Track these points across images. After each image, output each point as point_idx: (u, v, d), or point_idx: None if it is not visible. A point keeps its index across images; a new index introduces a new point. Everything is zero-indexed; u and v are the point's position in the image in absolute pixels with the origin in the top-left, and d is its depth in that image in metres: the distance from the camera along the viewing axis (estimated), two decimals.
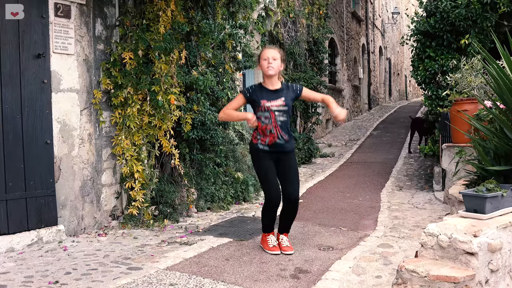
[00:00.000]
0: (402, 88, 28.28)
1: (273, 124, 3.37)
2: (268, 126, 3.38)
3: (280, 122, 3.38)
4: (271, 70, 3.40)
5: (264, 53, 3.46)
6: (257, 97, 3.42)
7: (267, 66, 3.40)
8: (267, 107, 3.37)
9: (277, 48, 3.57)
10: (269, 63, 3.39)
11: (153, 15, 4.60)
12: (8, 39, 3.69)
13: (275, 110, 3.38)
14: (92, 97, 4.36)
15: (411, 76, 9.19)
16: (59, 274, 3.09)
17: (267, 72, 3.41)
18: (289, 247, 3.56)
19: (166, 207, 4.80)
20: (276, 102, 3.39)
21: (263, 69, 3.45)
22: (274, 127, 3.37)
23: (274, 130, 3.37)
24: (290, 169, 3.51)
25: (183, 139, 5.21)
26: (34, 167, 3.84)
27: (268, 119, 3.38)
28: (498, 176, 2.97)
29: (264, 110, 3.38)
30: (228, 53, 6.14)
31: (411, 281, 2.01)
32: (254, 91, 3.46)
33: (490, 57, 3.12)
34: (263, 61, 3.43)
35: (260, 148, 3.44)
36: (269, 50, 3.47)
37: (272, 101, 3.39)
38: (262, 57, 3.45)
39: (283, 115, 3.40)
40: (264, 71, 3.45)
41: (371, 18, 19.72)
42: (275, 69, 3.41)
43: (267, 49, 3.49)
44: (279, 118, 3.38)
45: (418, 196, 6.13)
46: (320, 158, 9.88)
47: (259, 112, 3.41)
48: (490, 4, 6.38)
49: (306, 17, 10.39)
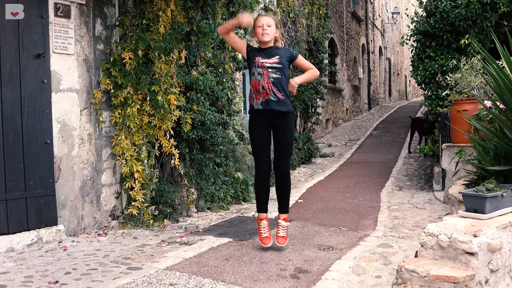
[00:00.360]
0: (402, 88, 28.28)
1: (265, 80, 3.39)
2: (261, 82, 3.41)
3: (272, 78, 3.40)
4: (266, 36, 3.43)
5: (258, 20, 3.48)
6: (253, 54, 3.47)
7: (261, 32, 3.44)
8: (260, 63, 3.42)
9: (271, 15, 3.59)
10: (263, 29, 3.43)
11: (153, 15, 4.60)
12: (8, 39, 3.69)
13: (268, 67, 3.41)
14: (92, 97, 4.36)
15: (411, 76, 9.19)
16: (59, 274, 3.09)
17: (262, 38, 3.45)
18: (283, 239, 3.56)
19: (166, 207, 4.80)
20: (270, 60, 3.43)
21: (258, 37, 3.47)
22: (267, 82, 3.39)
23: (266, 86, 3.39)
24: (283, 135, 3.51)
25: (183, 139, 5.21)
26: (34, 167, 3.84)
27: (261, 75, 3.41)
28: (498, 176, 2.97)
29: (257, 66, 3.43)
30: (228, 53, 6.14)
31: (411, 281, 2.01)
32: (252, 50, 3.52)
33: (490, 57, 3.12)
34: (257, 29, 3.46)
35: (255, 109, 3.47)
36: (263, 17, 3.50)
37: (266, 58, 3.44)
38: (257, 25, 3.47)
39: (276, 72, 3.42)
40: (258, 38, 3.48)
41: (371, 18, 19.72)
42: (270, 35, 3.45)
43: (261, 16, 3.52)
44: (271, 75, 3.41)
45: (418, 196, 6.13)
46: (320, 158, 9.88)
47: (253, 68, 3.45)
48: (490, 4, 6.38)
49: (306, 17, 10.39)
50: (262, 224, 3.64)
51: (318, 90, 10.09)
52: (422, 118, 9.53)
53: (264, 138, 3.50)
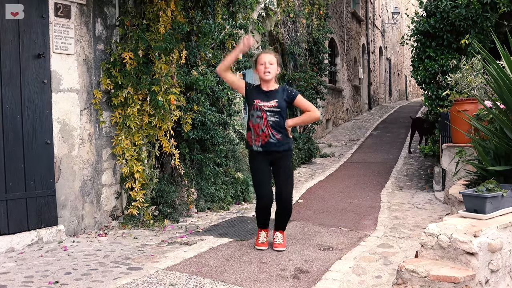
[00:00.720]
0: (402, 88, 28.28)
1: (264, 123, 3.44)
2: (260, 125, 3.45)
3: (271, 122, 3.45)
4: (268, 75, 3.48)
5: (260, 57, 3.52)
6: (252, 96, 3.51)
7: (263, 71, 3.48)
8: (259, 106, 3.45)
9: (273, 52, 3.64)
10: (265, 68, 3.47)
11: (153, 15, 4.60)
12: (8, 39, 3.69)
13: (267, 110, 3.45)
14: (92, 97, 4.36)
15: (411, 76, 9.19)
16: (59, 274, 3.09)
17: (264, 77, 3.50)
18: (280, 244, 3.63)
19: (166, 207, 4.80)
20: (268, 103, 3.46)
21: (260, 74, 3.52)
22: (265, 126, 3.44)
23: (266, 130, 3.44)
24: (283, 171, 3.57)
25: (183, 139, 5.21)
26: (34, 167, 3.85)
27: (260, 118, 3.45)
28: (498, 176, 2.97)
29: (256, 109, 3.46)
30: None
31: (411, 281, 2.01)
32: (251, 89, 3.56)
33: (490, 57, 3.12)
34: (259, 66, 3.50)
35: (254, 150, 3.53)
36: (266, 54, 3.53)
37: (264, 101, 3.47)
38: (259, 62, 3.51)
39: (274, 115, 3.45)
40: (260, 76, 3.52)
41: (371, 18, 19.72)
42: (272, 74, 3.49)
43: (263, 54, 3.54)
44: (270, 118, 3.44)
45: (418, 196, 6.13)
46: (320, 158, 9.88)
47: (252, 111, 3.50)
48: (490, 4, 6.38)
49: (306, 17, 10.39)
50: (261, 234, 3.73)
51: (319, 90, 10.09)
52: (423, 118, 9.53)
53: (265, 171, 3.57)
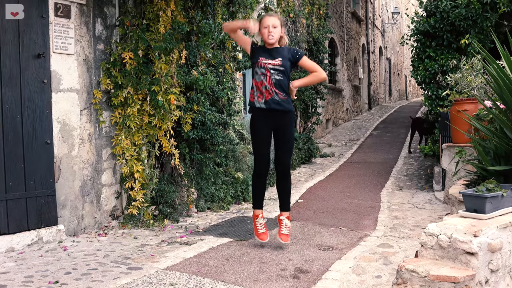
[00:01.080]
0: (402, 88, 28.28)
1: (268, 81, 3.45)
2: (264, 82, 3.46)
3: (275, 79, 3.45)
4: (272, 39, 3.49)
5: (264, 20, 3.51)
6: (257, 54, 3.52)
7: (267, 34, 3.48)
8: (263, 63, 3.46)
9: (276, 14, 3.62)
10: (269, 31, 3.47)
11: (153, 15, 4.60)
12: (8, 39, 3.69)
13: (271, 68, 3.46)
14: (92, 97, 4.36)
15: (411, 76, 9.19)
16: (59, 274, 3.09)
17: (268, 40, 3.50)
18: (286, 236, 3.57)
19: (166, 207, 4.80)
20: (273, 61, 3.47)
21: (264, 37, 3.52)
22: (269, 83, 3.45)
23: (269, 87, 3.45)
24: (284, 134, 3.55)
25: (183, 139, 5.21)
26: (34, 167, 3.85)
27: (263, 75, 3.46)
28: (498, 176, 2.97)
29: (260, 66, 3.47)
30: (228, 53, 6.14)
31: (411, 281, 2.01)
32: (257, 48, 3.57)
33: (490, 57, 3.12)
34: (263, 29, 3.50)
35: (257, 107, 3.50)
36: (270, 17, 3.52)
37: (269, 59, 3.48)
38: (263, 25, 3.51)
39: (278, 74, 3.46)
40: (264, 39, 3.52)
41: (371, 18, 19.72)
42: (275, 36, 3.50)
43: (267, 17, 3.53)
44: (274, 76, 3.45)
45: (418, 196, 6.13)
46: (320, 158, 9.88)
47: (256, 68, 3.50)
48: (490, 4, 6.38)
49: (306, 17, 10.39)
50: (258, 221, 3.68)
51: (318, 90, 10.09)
52: (423, 118, 9.53)
53: (265, 135, 3.54)
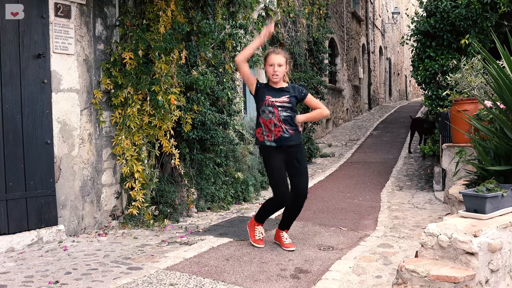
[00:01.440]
0: (402, 88, 28.27)
1: (277, 118, 3.48)
2: (272, 120, 3.48)
3: (283, 116, 3.49)
4: (276, 78, 3.53)
5: (270, 58, 3.53)
6: (263, 92, 3.54)
7: (272, 73, 3.52)
8: (271, 102, 3.49)
9: (282, 51, 3.62)
10: (274, 70, 3.51)
11: (153, 15, 4.60)
12: (8, 39, 3.69)
13: (279, 106, 3.49)
14: (92, 97, 4.36)
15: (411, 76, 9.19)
16: (59, 274, 3.09)
17: (273, 79, 3.55)
18: (291, 244, 3.64)
19: (166, 207, 4.80)
20: (280, 99, 3.51)
21: (269, 75, 3.57)
22: (278, 121, 3.48)
23: (278, 124, 3.48)
24: (298, 163, 3.58)
25: (183, 139, 5.21)
26: (34, 167, 3.85)
27: (271, 113, 3.49)
28: (498, 176, 2.97)
29: (268, 104, 3.49)
30: (228, 53, 6.14)
31: (411, 281, 2.01)
32: (262, 87, 3.59)
33: (490, 57, 3.12)
34: (269, 67, 3.54)
35: (267, 145, 3.52)
36: (275, 56, 3.53)
37: (276, 97, 3.51)
38: (268, 62, 3.54)
39: (286, 110, 3.50)
40: (269, 77, 3.57)
41: (371, 18, 19.71)
42: (280, 76, 3.54)
43: (273, 55, 3.53)
44: (282, 113, 3.49)
45: (418, 196, 6.13)
46: (320, 158, 9.88)
47: (263, 107, 3.52)
48: (490, 4, 6.38)
49: (306, 17, 10.38)
50: (258, 229, 3.75)
51: (319, 90, 10.08)
52: (423, 118, 9.52)
53: (280, 168, 3.55)
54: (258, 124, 3.58)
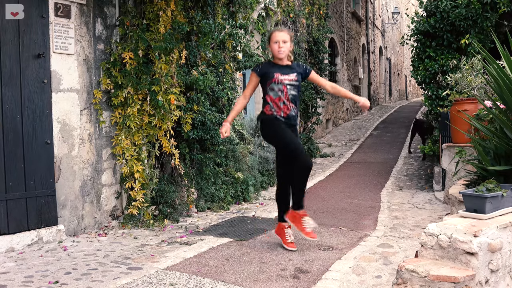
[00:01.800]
0: (402, 88, 28.28)
1: (285, 97, 3.47)
2: (282, 98, 3.46)
3: (291, 95, 3.49)
4: (282, 53, 3.50)
5: (274, 35, 3.52)
6: (270, 71, 3.50)
7: (277, 49, 3.49)
8: (280, 80, 3.46)
9: (286, 29, 3.65)
10: (279, 47, 3.48)
11: (153, 15, 4.60)
12: (8, 39, 3.69)
13: (287, 84, 3.48)
14: (92, 97, 4.36)
15: (411, 76, 9.19)
16: (59, 274, 3.09)
17: (278, 55, 3.51)
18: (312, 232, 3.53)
19: (166, 207, 4.80)
20: (289, 77, 3.50)
21: (274, 52, 3.53)
22: (286, 99, 3.47)
23: (287, 102, 3.47)
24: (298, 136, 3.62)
25: (183, 139, 5.21)
26: (34, 167, 3.85)
27: (281, 91, 3.46)
28: (498, 176, 2.96)
29: (277, 82, 3.47)
30: (228, 53, 6.14)
31: (411, 281, 2.01)
32: (265, 67, 3.56)
33: (490, 57, 3.11)
34: (273, 44, 3.51)
35: (277, 117, 3.47)
36: (279, 33, 3.52)
37: (285, 75, 3.49)
38: (273, 40, 3.52)
39: (294, 89, 3.51)
40: (274, 54, 3.54)
41: (371, 18, 19.71)
42: (285, 52, 3.52)
43: (277, 32, 3.53)
44: (290, 92, 3.49)
45: (418, 196, 6.13)
46: (320, 158, 9.88)
47: (272, 84, 3.47)
48: (490, 4, 6.38)
49: (306, 17, 10.39)
50: (287, 232, 3.66)
51: (319, 90, 10.09)
52: (423, 119, 9.49)
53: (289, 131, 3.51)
54: (265, 102, 3.52)
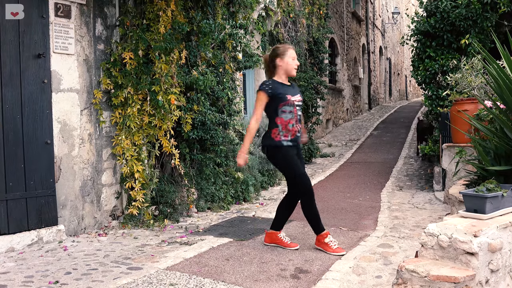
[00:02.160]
0: (402, 88, 28.28)
1: (295, 119, 3.47)
2: (291, 120, 3.45)
3: (299, 116, 3.52)
4: (295, 72, 3.54)
5: (291, 52, 3.51)
6: (281, 92, 3.44)
7: (295, 67, 3.50)
8: (292, 101, 3.45)
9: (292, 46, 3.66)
10: (297, 64, 3.52)
11: (153, 15, 4.60)
12: (8, 39, 3.69)
13: (297, 105, 3.49)
14: (92, 97, 4.36)
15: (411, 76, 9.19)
16: (59, 274, 3.09)
17: (292, 72, 3.51)
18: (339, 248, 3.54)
19: (166, 207, 4.80)
20: (297, 97, 3.51)
21: (289, 69, 3.49)
22: (295, 121, 3.48)
23: (295, 124, 3.48)
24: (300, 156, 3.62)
25: (183, 139, 5.21)
26: (34, 167, 3.85)
27: (291, 113, 3.46)
28: (498, 176, 2.96)
29: (290, 104, 3.44)
30: (228, 53, 6.14)
31: (411, 281, 2.01)
32: (275, 87, 3.45)
33: (490, 57, 3.11)
34: (290, 60, 3.48)
35: (285, 145, 3.46)
36: (293, 50, 3.55)
37: (294, 95, 3.50)
38: (290, 56, 3.49)
39: (300, 109, 3.54)
40: (289, 71, 3.50)
41: (371, 18, 19.71)
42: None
43: (292, 49, 3.53)
44: (299, 113, 3.51)
45: (418, 196, 6.13)
46: (320, 158, 9.88)
47: (284, 107, 3.42)
48: (490, 4, 6.38)
49: (306, 17, 10.38)
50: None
51: (319, 90, 10.09)
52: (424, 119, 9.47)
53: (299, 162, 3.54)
54: (273, 125, 3.45)
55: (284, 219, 3.70)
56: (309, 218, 3.55)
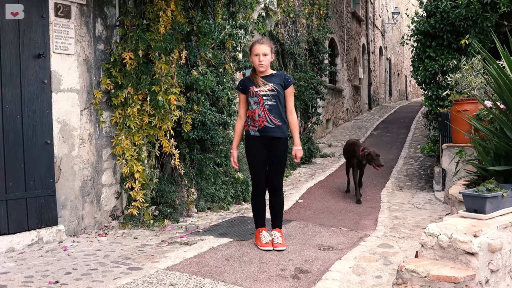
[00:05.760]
0: (402, 88, 28.28)
1: (261, 108, 3.51)
2: (257, 110, 3.53)
3: (268, 106, 3.52)
4: (262, 67, 3.56)
5: (255, 48, 3.56)
6: (247, 86, 3.59)
7: (258, 63, 3.54)
8: (255, 92, 3.53)
9: (267, 41, 3.64)
10: (260, 60, 3.53)
11: (153, 15, 4.60)
12: (8, 39, 3.69)
13: (263, 95, 3.52)
14: (92, 97, 4.36)
15: (411, 76, 9.19)
16: (59, 274, 3.09)
17: (258, 68, 3.58)
18: (280, 244, 3.63)
19: (166, 207, 4.80)
20: (264, 88, 3.53)
21: (254, 65, 3.60)
22: (262, 110, 3.51)
23: (263, 114, 3.52)
24: (277, 157, 3.62)
25: (183, 139, 5.21)
26: (34, 167, 3.85)
27: (256, 103, 3.54)
28: (498, 176, 2.96)
29: (252, 95, 3.55)
30: (228, 53, 6.14)
31: (411, 281, 2.01)
32: (245, 82, 3.65)
33: (490, 57, 3.11)
34: (254, 57, 3.57)
35: (251, 135, 3.59)
36: (260, 45, 3.55)
37: (261, 87, 3.54)
38: (253, 52, 3.57)
39: (271, 99, 3.53)
40: (255, 66, 3.59)
41: (371, 18, 19.71)
42: (266, 65, 3.57)
43: (258, 45, 3.56)
44: (267, 102, 3.51)
45: (418, 196, 6.13)
46: (320, 158, 9.87)
47: (249, 98, 3.58)
48: (490, 4, 6.37)
49: (306, 17, 10.38)
50: (263, 234, 3.71)
51: (319, 90, 10.08)
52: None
53: (259, 155, 3.61)
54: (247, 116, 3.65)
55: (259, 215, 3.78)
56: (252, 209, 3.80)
